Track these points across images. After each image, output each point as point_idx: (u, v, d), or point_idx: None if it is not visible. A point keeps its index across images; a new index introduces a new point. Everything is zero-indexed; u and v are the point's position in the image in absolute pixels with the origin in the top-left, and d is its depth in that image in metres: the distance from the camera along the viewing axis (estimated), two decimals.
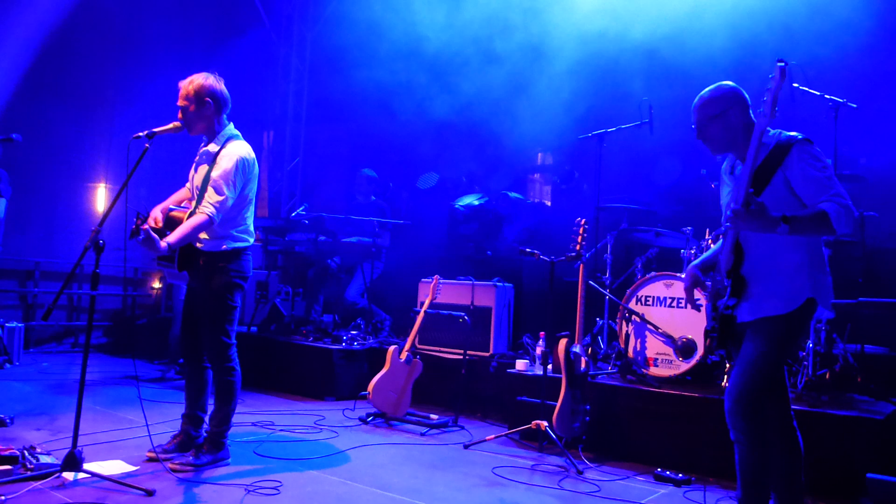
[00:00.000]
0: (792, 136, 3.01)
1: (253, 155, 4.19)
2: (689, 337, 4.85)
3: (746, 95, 3.16)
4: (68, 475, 3.63)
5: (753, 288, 3.04)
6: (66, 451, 3.65)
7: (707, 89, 3.19)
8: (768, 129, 3.02)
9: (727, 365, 4.69)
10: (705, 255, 3.46)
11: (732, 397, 3.00)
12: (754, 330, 3.02)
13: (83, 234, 3.74)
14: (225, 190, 3.98)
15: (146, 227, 3.69)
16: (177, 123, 4.07)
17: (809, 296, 2.96)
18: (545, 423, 4.72)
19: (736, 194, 2.87)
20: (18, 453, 3.75)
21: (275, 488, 3.77)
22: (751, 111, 3.13)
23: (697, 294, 3.38)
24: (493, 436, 5.03)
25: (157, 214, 4.06)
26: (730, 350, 3.16)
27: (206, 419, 4.23)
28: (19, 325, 7.66)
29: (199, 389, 4.23)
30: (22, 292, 8.56)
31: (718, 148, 3.20)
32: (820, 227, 2.83)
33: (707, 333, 3.09)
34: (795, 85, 5.05)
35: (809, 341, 4.61)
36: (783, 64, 2.82)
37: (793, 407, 3.11)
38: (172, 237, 3.85)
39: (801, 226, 2.81)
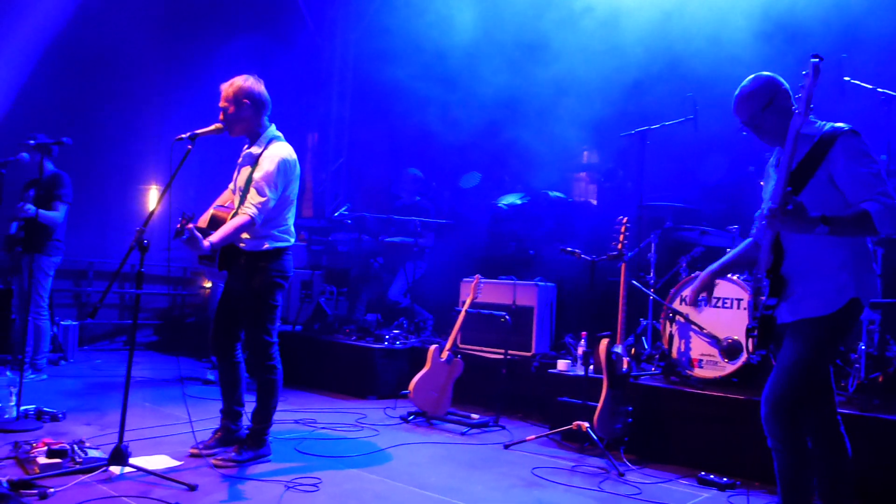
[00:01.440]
0: (837, 127, 2.89)
1: (294, 156, 4.23)
2: (735, 338, 4.74)
3: (786, 83, 3.07)
4: (115, 469, 3.73)
5: (794, 287, 2.93)
6: (113, 445, 3.75)
7: (746, 81, 3.08)
8: (814, 119, 2.94)
9: (774, 366, 4.57)
10: (726, 257, 3.36)
11: (769, 404, 2.90)
12: (794, 332, 2.92)
13: (134, 234, 3.83)
14: (267, 191, 4.03)
15: (191, 226, 3.76)
16: (218, 125, 4.14)
17: (853, 296, 2.83)
18: (586, 424, 4.67)
19: (776, 192, 2.78)
20: (68, 447, 3.85)
21: (314, 485, 3.81)
22: (792, 99, 3.03)
23: (703, 295, 3.31)
24: (533, 436, 5.00)
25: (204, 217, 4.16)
26: (772, 351, 3.07)
27: (244, 413, 4.30)
28: (74, 323, 7.89)
29: (233, 384, 4.29)
30: (76, 291, 8.83)
31: (775, 138, 3.06)
32: (862, 228, 2.73)
33: (748, 332, 3.00)
34: (847, 78, 4.90)
35: (861, 343, 4.47)
36: (817, 60, 2.72)
37: (842, 411, 3.00)
38: (215, 237, 3.92)
39: (842, 227, 2.71)
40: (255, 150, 4.19)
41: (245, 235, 4.10)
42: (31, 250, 5.91)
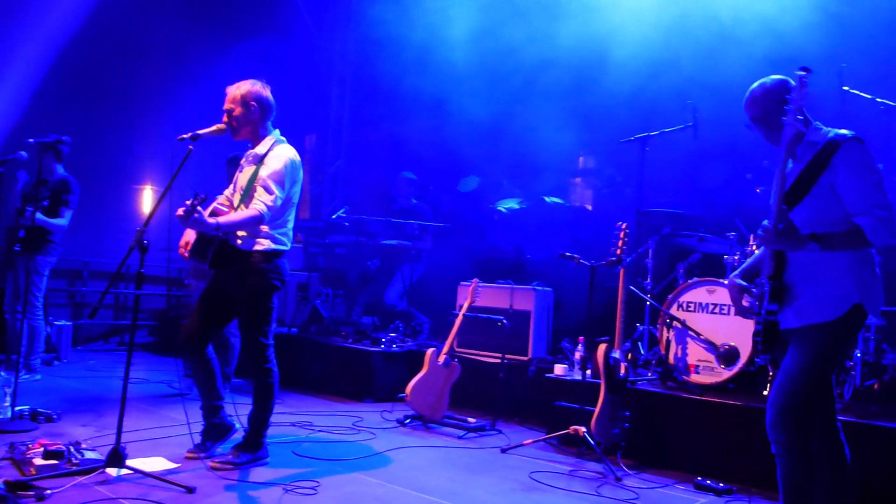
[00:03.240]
0: (841, 134, 2.89)
1: (299, 159, 4.24)
2: (732, 344, 4.75)
3: None
4: (112, 471, 3.70)
5: (797, 293, 2.92)
6: (110, 447, 3.73)
7: (760, 82, 3.07)
8: (819, 126, 2.95)
9: (770, 373, 4.58)
10: (747, 262, 3.37)
11: (774, 410, 2.91)
12: (798, 338, 2.92)
13: (131, 234, 3.80)
14: (275, 189, 4.03)
15: (199, 208, 3.73)
16: (221, 126, 4.13)
17: (857, 301, 2.83)
18: (584, 429, 4.68)
19: (771, 207, 2.81)
20: (64, 449, 3.83)
21: (312, 488, 3.80)
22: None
23: (745, 302, 3.18)
24: (531, 440, 5.00)
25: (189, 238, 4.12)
26: (776, 356, 3.08)
27: (224, 405, 4.28)
28: (68, 323, 7.86)
29: (209, 380, 4.25)
30: (71, 291, 8.78)
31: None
32: (855, 243, 2.77)
33: (753, 336, 3.00)
34: (846, 88, 4.94)
35: (857, 350, 4.49)
36: (804, 73, 2.77)
37: (840, 418, 3.00)
38: (223, 219, 3.91)
39: (834, 243, 2.75)
40: (260, 149, 4.19)
41: (242, 233, 4.08)
42: (29, 250, 5.89)
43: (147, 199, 9.44)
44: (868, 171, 2.83)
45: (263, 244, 4.10)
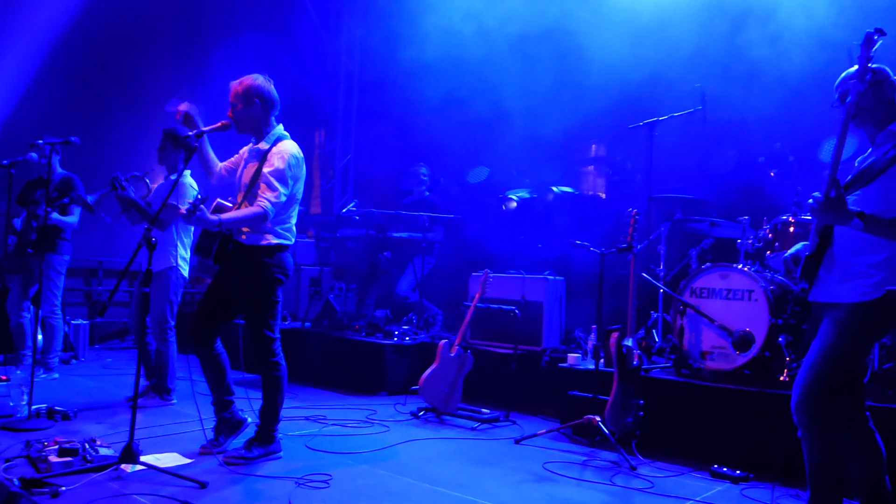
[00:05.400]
0: None
1: (301, 155, 4.23)
2: (747, 330, 4.69)
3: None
4: (126, 467, 3.73)
5: (833, 271, 2.92)
6: (124, 443, 3.75)
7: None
8: None
9: (786, 358, 4.53)
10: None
11: (799, 391, 2.88)
12: (830, 318, 2.91)
13: (142, 232, 3.84)
14: (278, 185, 4.02)
15: (202, 207, 3.76)
16: (225, 122, 4.13)
17: (891, 288, 2.81)
18: (597, 418, 4.65)
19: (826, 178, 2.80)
20: (79, 446, 3.86)
21: (325, 482, 3.80)
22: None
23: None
24: (544, 431, 4.98)
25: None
26: (797, 339, 3.05)
27: (235, 399, 4.31)
28: (84, 322, 7.92)
29: (219, 376, 4.27)
30: (87, 290, 8.85)
31: (867, 118, 2.99)
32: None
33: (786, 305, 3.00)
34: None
35: None
36: (876, 35, 2.71)
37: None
38: (226, 215, 3.93)
39: (878, 228, 2.74)
40: (262, 146, 4.19)
41: (245, 229, 4.08)
42: (42, 251, 5.93)
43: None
44: None
45: (267, 239, 4.09)
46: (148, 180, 5.74)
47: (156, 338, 5.46)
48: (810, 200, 2.79)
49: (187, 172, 5.49)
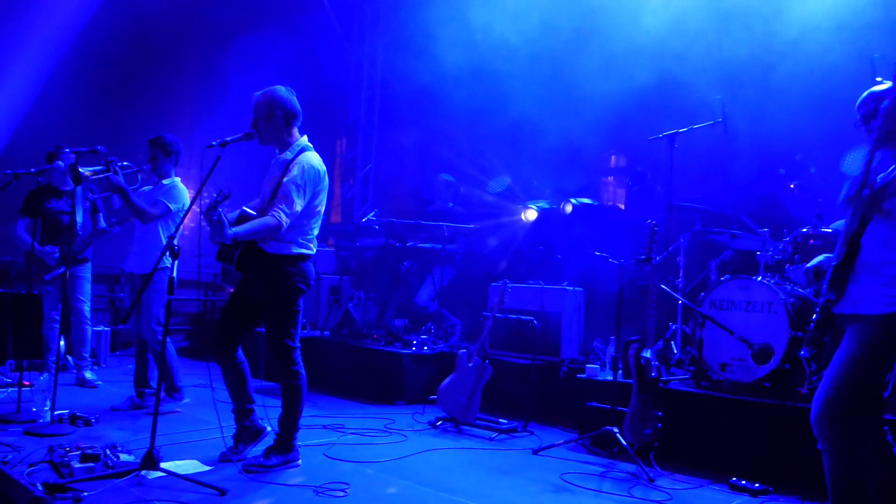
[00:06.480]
0: None
1: (324, 168, 4.25)
2: (766, 342, 4.66)
3: None
4: (146, 473, 3.77)
5: (859, 281, 2.89)
6: (145, 450, 3.80)
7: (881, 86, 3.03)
8: None
9: (806, 370, 4.48)
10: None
11: (820, 403, 2.85)
12: (853, 330, 2.87)
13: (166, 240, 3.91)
14: (294, 196, 4.06)
15: (221, 210, 3.79)
16: (248, 133, 4.18)
17: None
18: (616, 430, 4.63)
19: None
20: (101, 452, 3.92)
21: (343, 490, 3.82)
22: None
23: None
24: (562, 441, 4.98)
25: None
26: (818, 353, 3.01)
27: (255, 408, 4.33)
28: (106, 328, 8.01)
29: (240, 384, 4.30)
30: (110, 297, 8.96)
31: (890, 138, 2.96)
32: None
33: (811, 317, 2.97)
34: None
35: None
36: None
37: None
38: (239, 228, 3.95)
39: None
40: (286, 156, 4.23)
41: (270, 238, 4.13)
42: (81, 260, 6.05)
43: None
44: None
45: (289, 248, 4.13)
46: (140, 177, 5.83)
47: (153, 340, 5.50)
48: (846, 194, 2.84)
49: (177, 179, 5.72)
